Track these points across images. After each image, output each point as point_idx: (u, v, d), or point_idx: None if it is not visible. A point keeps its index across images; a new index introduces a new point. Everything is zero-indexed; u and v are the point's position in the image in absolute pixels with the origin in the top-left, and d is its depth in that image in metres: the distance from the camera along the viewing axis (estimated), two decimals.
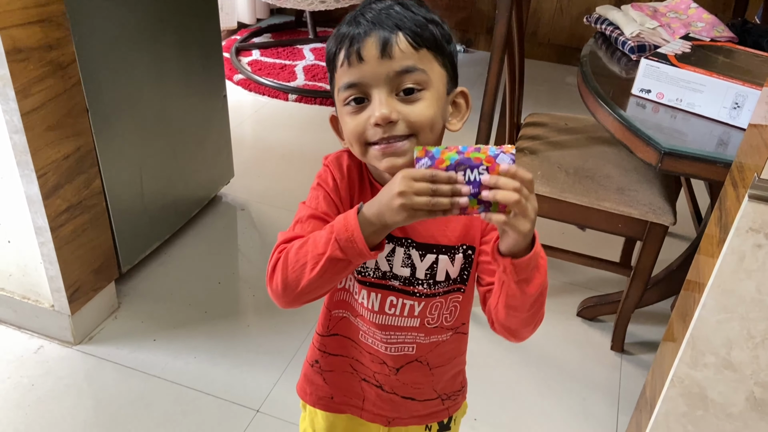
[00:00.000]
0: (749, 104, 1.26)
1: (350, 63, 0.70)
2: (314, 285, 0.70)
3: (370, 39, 0.69)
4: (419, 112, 0.70)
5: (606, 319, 1.82)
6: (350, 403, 0.93)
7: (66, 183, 1.46)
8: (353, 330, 0.87)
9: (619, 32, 1.63)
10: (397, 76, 0.69)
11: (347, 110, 0.72)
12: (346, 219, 0.68)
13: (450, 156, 0.62)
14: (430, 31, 0.71)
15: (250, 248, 2.02)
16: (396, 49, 0.69)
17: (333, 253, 0.68)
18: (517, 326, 0.75)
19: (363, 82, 0.70)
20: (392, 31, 0.69)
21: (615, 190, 1.56)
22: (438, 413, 0.95)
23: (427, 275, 0.80)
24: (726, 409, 1.10)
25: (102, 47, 1.49)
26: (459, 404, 0.97)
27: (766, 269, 0.97)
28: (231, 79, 3.02)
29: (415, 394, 0.90)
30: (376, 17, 0.70)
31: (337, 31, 0.73)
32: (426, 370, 0.88)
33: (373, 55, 0.69)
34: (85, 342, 1.64)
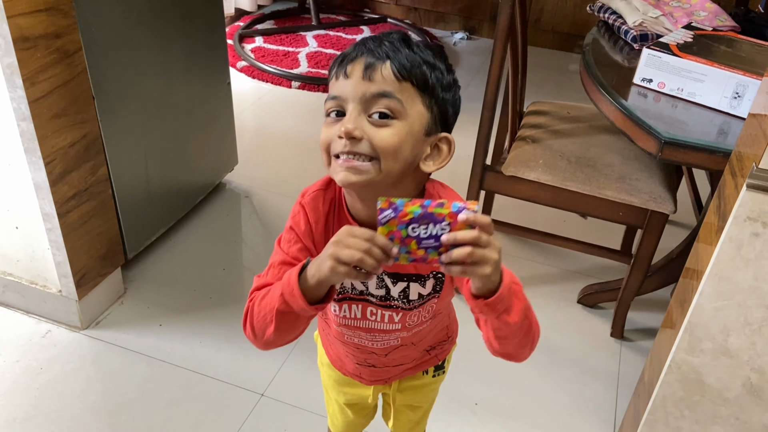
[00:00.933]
0: (750, 94, 1.26)
1: (337, 78, 0.75)
2: (277, 335, 0.75)
3: (360, 60, 0.74)
4: (383, 137, 0.72)
5: (606, 306, 1.84)
6: (351, 373, 1.01)
7: (73, 170, 1.48)
8: (338, 334, 0.93)
9: (621, 21, 1.63)
10: (372, 97, 0.72)
11: (327, 121, 0.76)
12: (289, 274, 0.72)
13: (413, 210, 0.63)
14: (422, 71, 0.74)
15: (254, 235, 2.04)
16: (378, 73, 0.72)
17: (281, 307, 0.72)
18: (514, 350, 0.78)
19: (342, 97, 0.74)
20: (382, 59, 0.73)
21: (616, 179, 1.57)
22: (428, 361, 1.01)
23: (401, 296, 0.84)
24: (722, 394, 1.12)
25: (107, 35, 1.50)
26: (447, 350, 1.03)
27: (763, 257, 0.98)
28: (234, 66, 3.02)
29: (404, 361, 0.97)
30: (376, 46, 0.74)
31: (341, 53, 0.78)
32: (412, 348, 0.95)
33: (357, 74, 0.73)
34: (92, 327, 1.67)
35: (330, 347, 1.01)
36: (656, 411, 1.19)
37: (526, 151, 1.66)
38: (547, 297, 1.87)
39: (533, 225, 1.86)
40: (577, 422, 1.52)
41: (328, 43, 3.27)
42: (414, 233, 0.64)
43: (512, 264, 1.96)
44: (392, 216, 0.63)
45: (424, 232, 0.64)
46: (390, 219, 0.63)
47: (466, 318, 1.13)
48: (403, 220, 0.63)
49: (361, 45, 0.76)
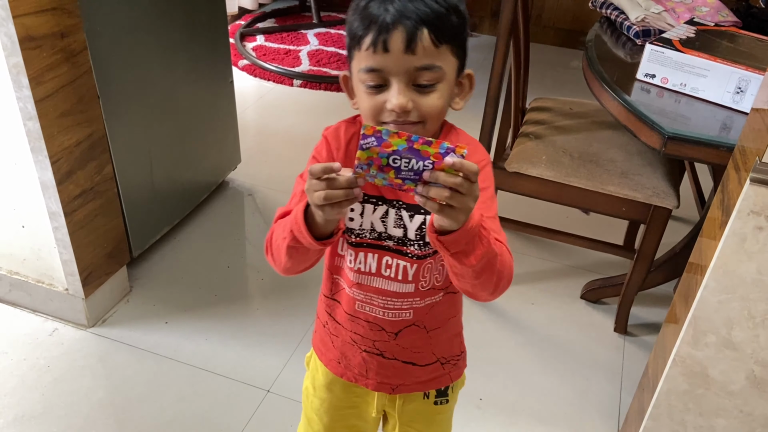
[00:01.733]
0: (752, 89, 1.27)
1: (375, 50, 0.73)
2: (291, 264, 0.79)
3: (397, 32, 0.72)
4: (431, 103, 0.75)
5: (609, 301, 1.85)
6: (356, 372, 0.96)
7: (78, 169, 1.49)
8: (350, 301, 0.90)
9: (624, 17, 1.63)
10: (416, 70, 0.73)
11: (364, 89, 0.76)
12: (296, 211, 0.74)
13: (398, 143, 0.64)
14: (450, 23, 0.74)
15: (258, 233, 2.05)
16: (419, 46, 0.72)
17: (291, 242, 0.76)
18: (471, 290, 0.78)
19: (385, 70, 0.74)
20: (418, 26, 0.72)
21: (619, 174, 1.58)
22: (439, 378, 0.97)
23: (417, 236, 0.83)
24: (726, 387, 1.13)
25: (112, 34, 1.51)
26: (460, 371, 1.00)
27: (766, 251, 0.99)
28: (236, 64, 3.02)
29: (415, 358, 0.93)
30: (404, 6, 0.72)
31: (363, 9, 0.75)
32: (423, 333, 0.91)
33: (398, 48, 0.72)
34: (98, 325, 1.68)
35: (334, 344, 0.96)
36: (660, 404, 1.19)
37: (529, 148, 1.66)
38: (550, 293, 1.87)
39: (536, 221, 1.87)
40: (582, 417, 1.53)
41: (329, 41, 3.28)
42: (395, 164, 0.64)
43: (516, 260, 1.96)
44: (374, 144, 0.64)
45: (405, 164, 0.64)
46: (371, 146, 0.64)
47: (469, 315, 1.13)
48: (386, 150, 0.64)
49: (386, 6, 0.72)
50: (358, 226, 0.84)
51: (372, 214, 0.83)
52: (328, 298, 0.94)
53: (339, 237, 0.76)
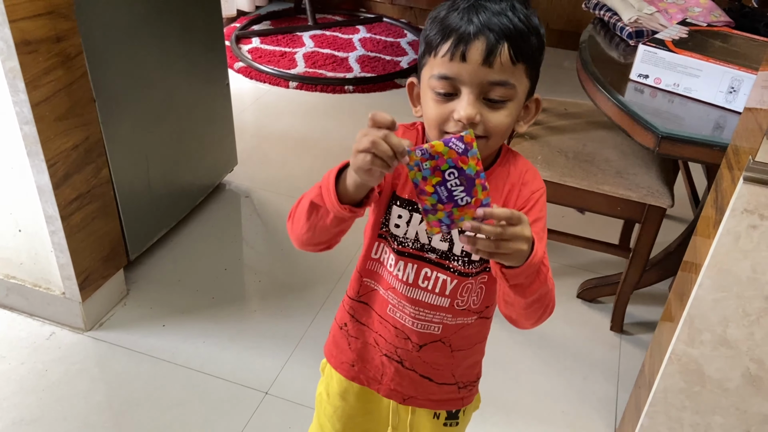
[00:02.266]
0: (745, 88, 1.28)
1: (452, 58, 0.73)
2: (306, 229, 0.78)
3: (478, 42, 0.72)
4: (499, 120, 0.75)
5: (605, 300, 1.86)
6: (369, 376, 0.96)
7: (75, 172, 1.49)
8: (382, 303, 0.89)
9: (617, 18, 1.65)
10: (489, 84, 0.73)
11: (433, 95, 0.76)
12: (330, 171, 0.74)
13: (472, 167, 0.65)
14: (531, 44, 0.74)
15: (255, 235, 2.05)
16: (497, 60, 0.72)
17: (315, 198, 0.75)
18: (516, 317, 0.81)
19: (458, 79, 0.73)
20: (499, 39, 0.72)
21: (614, 174, 1.59)
22: (452, 401, 0.97)
23: (464, 252, 0.83)
24: (722, 384, 1.14)
25: (107, 38, 1.51)
26: (473, 396, 1.00)
27: (760, 249, 1.00)
28: (232, 67, 3.03)
29: (433, 374, 0.93)
30: (488, 19, 0.72)
31: (444, 17, 0.74)
32: (447, 351, 0.91)
33: (475, 60, 0.72)
34: (95, 328, 1.68)
35: (351, 346, 0.95)
36: (657, 402, 1.20)
37: (525, 148, 1.67)
38: None
39: None
40: (579, 415, 1.54)
41: (325, 43, 3.28)
42: (447, 177, 0.66)
43: None
44: (459, 150, 0.66)
45: (453, 183, 0.66)
46: (454, 149, 0.66)
47: None
48: (457, 162, 0.65)
49: (470, 17, 0.72)
50: (403, 234, 0.83)
51: (419, 224, 0.83)
52: (353, 300, 0.93)
53: (361, 213, 0.74)
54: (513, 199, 0.82)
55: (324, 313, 1.76)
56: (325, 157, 2.46)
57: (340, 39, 3.34)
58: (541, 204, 0.82)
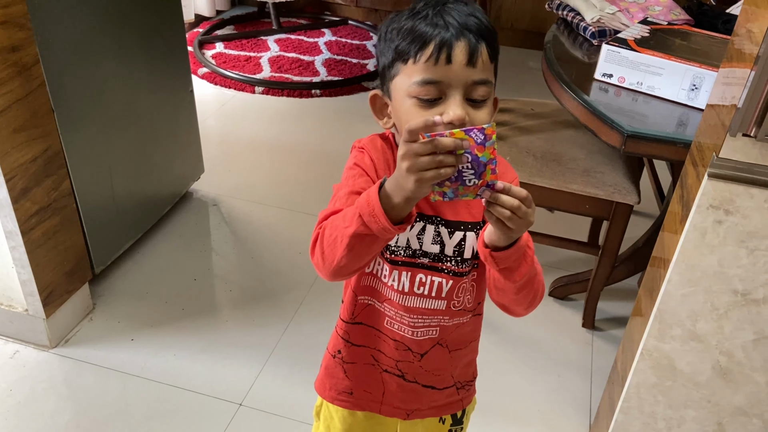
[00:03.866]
0: (706, 85, 1.30)
1: (437, 62, 0.73)
2: (348, 259, 0.73)
3: (461, 44, 0.73)
4: (483, 118, 0.76)
5: (577, 297, 1.88)
6: (370, 398, 0.94)
7: (35, 186, 1.44)
8: (379, 317, 0.88)
9: (580, 18, 1.66)
10: (473, 84, 0.74)
11: (414, 103, 0.75)
12: (368, 194, 0.70)
13: (487, 155, 0.68)
14: (496, 43, 0.77)
15: (224, 243, 2.02)
16: (480, 59, 0.74)
17: (358, 229, 0.70)
18: (508, 304, 0.83)
19: (445, 82, 0.74)
20: (478, 40, 0.74)
21: (581, 173, 1.60)
22: (453, 404, 0.97)
23: (455, 252, 0.83)
24: (693, 378, 1.15)
25: (65, 47, 1.47)
26: (471, 395, 1.00)
27: (726, 243, 1.02)
28: (195, 73, 2.98)
29: (435, 382, 0.93)
30: (462, 21, 0.74)
31: (413, 26, 0.74)
32: (446, 354, 0.91)
33: (460, 61, 0.73)
34: (61, 345, 1.63)
35: (347, 374, 0.94)
36: (630, 398, 1.22)
37: None
38: None
39: None
40: (555, 412, 1.55)
41: (290, 46, 3.26)
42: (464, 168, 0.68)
43: None
44: (480, 140, 0.67)
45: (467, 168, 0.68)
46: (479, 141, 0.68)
47: None
48: (474, 151, 0.67)
49: (446, 22, 0.73)
50: (395, 242, 0.82)
51: (409, 230, 0.82)
52: (348, 323, 0.91)
53: (413, 220, 0.72)
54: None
55: (297, 321, 1.74)
56: (293, 162, 2.44)
57: (305, 42, 3.31)
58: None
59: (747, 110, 0.91)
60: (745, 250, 1.01)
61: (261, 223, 2.10)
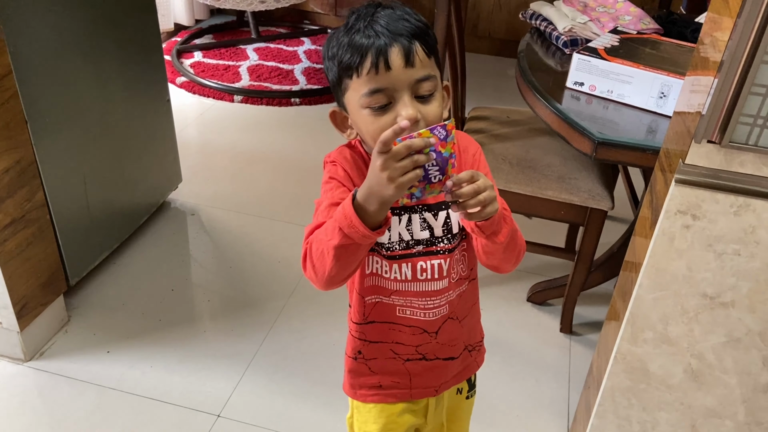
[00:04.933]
0: (674, 93, 1.33)
1: (377, 71, 0.77)
2: (337, 269, 0.78)
3: (394, 48, 0.77)
4: (433, 111, 0.80)
5: (554, 302, 1.89)
6: (399, 386, 0.98)
7: (7, 197, 1.43)
8: (390, 311, 0.92)
9: (552, 27, 1.69)
10: (417, 82, 0.78)
11: (368, 112, 0.79)
12: (343, 208, 0.75)
13: (449, 151, 0.72)
14: (431, 36, 0.81)
15: (202, 253, 2.01)
16: (416, 58, 0.78)
17: (341, 241, 0.75)
18: (499, 263, 0.88)
19: (390, 88, 0.78)
20: (410, 41, 0.78)
21: (556, 179, 1.62)
22: (469, 366, 1.03)
23: (444, 231, 0.89)
24: (666, 381, 1.17)
25: (39, 57, 1.46)
26: (482, 355, 1.06)
27: (694, 248, 1.04)
28: (173, 82, 2.97)
29: (452, 352, 0.98)
30: (392, 27, 0.77)
31: (350, 41, 0.78)
32: (457, 324, 0.96)
33: (398, 65, 0.77)
34: (36, 358, 1.61)
35: (372, 369, 0.97)
36: (605, 401, 1.23)
37: None
38: (497, 297, 1.90)
39: None
40: (533, 417, 1.56)
41: (269, 55, 3.26)
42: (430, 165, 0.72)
43: None
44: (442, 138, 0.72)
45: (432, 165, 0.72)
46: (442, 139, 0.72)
47: None
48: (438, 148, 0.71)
49: (376, 31, 0.77)
50: (387, 240, 0.87)
51: (398, 225, 0.87)
52: (361, 324, 0.94)
53: (390, 222, 0.77)
54: (461, 166, 0.89)
55: (276, 330, 1.73)
56: (272, 171, 2.43)
57: (284, 51, 3.32)
58: (483, 160, 0.91)
59: (711, 117, 0.93)
60: (713, 254, 1.03)
61: (240, 232, 2.09)
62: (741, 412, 1.17)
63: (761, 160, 0.95)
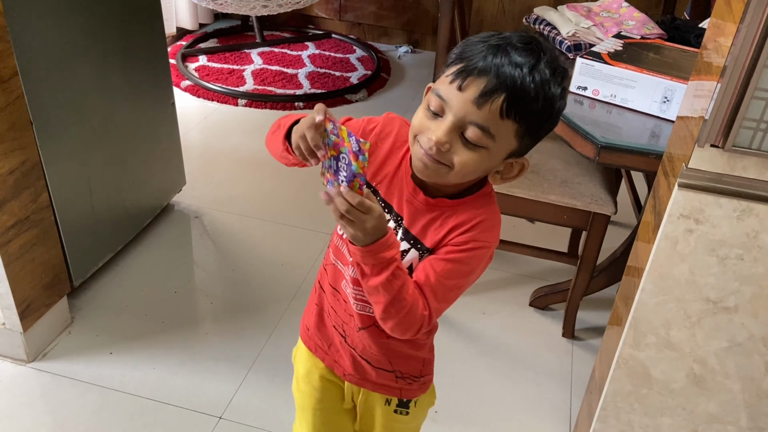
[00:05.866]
0: (677, 98, 1.33)
1: (452, 82, 0.75)
2: (269, 140, 0.91)
3: (479, 80, 0.74)
4: (464, 160, 0.77)
5: (557, 307, 1.89)
6: (319, 344, 1.01)
7: (12, 198, 1.43)
8: (338, 276, 0.94)
9: (556, 32, 1.69)
10: (470, 123, 0.75)
11: (425, 106, 0.79)
12: (287, 120, 0.86)
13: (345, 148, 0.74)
14: (531, 107, 0.75)
15: (205, 256, 2.02)
16: (487, 106, 0.74)
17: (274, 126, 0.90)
18: (378, 315, 0.83)
19: (447, 103, 0.76)
20: (499, 88, 0.73)
21: (559, 183, 1.62)
22: (390, 388, 1.00)
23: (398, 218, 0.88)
24: (668, 386, 1.17)
25: (45, 59, 1.47)
26: (416, 392, 1.02)
27: (697, 252, 1.04)
28: (178, 85, 2.98)
29: (370, 358, 0.97)
30: (501, 66, 0.73)
31: (473, 43, 0.77)
32: (383, 337, 0.93)
33: (468, 95, 0.74)
34: (39, 359, 1.61)
35: (311, 311, 1.01)
36: (607, 406, 1.23)
37: None
38: (499, 301, 1.90)
39: None
40: (534, 423, 1.55)
41: (274, 59, 3.27)
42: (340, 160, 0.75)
43: None
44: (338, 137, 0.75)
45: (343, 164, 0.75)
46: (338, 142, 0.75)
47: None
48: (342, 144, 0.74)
49: (494, 55, 0.74)
50: None
51: None
52: (323, 265, 0.98)
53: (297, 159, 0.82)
54: (445, 234, 0.84)
55: (278, 333, 1.73)
56: (275, 174, 2.44)
57: (289, 56, 3.33)
58: (468, 254, 0.84)
59: (714, 121, 0.93)
60: (716, 258, 1.03)
61: (243, 235, 2.10)
62: (743, 418, 1.16)
63: (764, 164, 0.95)
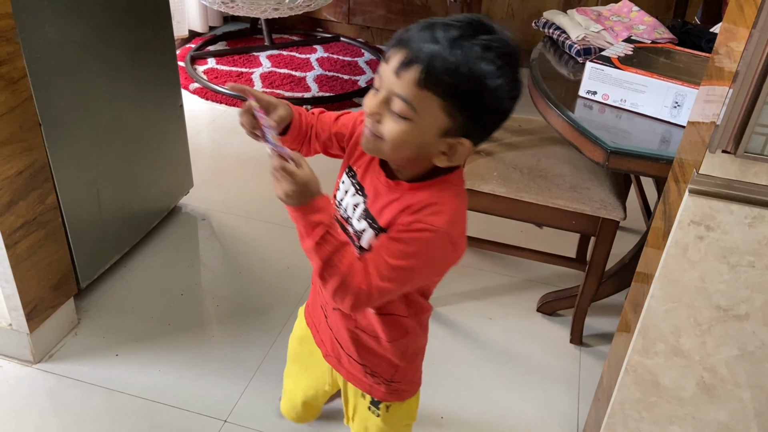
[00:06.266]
0: (688, 103, 1.32)
1: (386, 57, 0.81)
2: None
3: (400, 53, 0.79)
4: (390, 130, 0.82)
5: (564, 313, 1.87)
6: (314, 321, 1.08)
7: (20, 199, 1.44)
8: None
9: (565, 36, 1.68)
10: (393, 95, 0.80)
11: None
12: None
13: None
14: (453, 81, 0.76)
15: (213, 258, 2.02)
16: (405, 75, 0.78)
17: None
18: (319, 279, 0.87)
19: (380, 78, 0.82)
20: (416, 58, 0.77)
21: (568, 188, 1.61)
22: (360, 381, 1.04)
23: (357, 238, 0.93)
24: (677, 394, 1.15)
25: (53, 61, 1.48)
26: (384, 395, 1.04)
27: (707, 259, 1.02)
28: (187, 88, 2.99)
29: (342, 342, 1.02)
30: (422, 39, 0.77)
31: (413, 25, 0.81)
32: (352, 323, 0.97)
33: (391, 66, 0.80)
34: (45, 360, 1.61)
35: (312, 286, 1.08)
36: (615, 414, 1.21)
37: (481, 164, 1.69)
38: (507, 307, 1.89)
39: (491, 236, 1.89)
40: (541, 429, 1.54)
41: (282, 62, 3.28)
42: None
43: (473, 275, 1.99)
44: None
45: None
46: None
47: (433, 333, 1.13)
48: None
49: (418, 31, 0.78)
50: (340, 199, 0.96)
51: (352, 196, 0.94)
52: None
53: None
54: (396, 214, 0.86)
55: (284, 337, 1.73)
56: None
57: (297, 59, 3.33)
58: (411, 234, 0.83)
59: (726, 127, 0.92)
60: (727, 265, 1.02)
61: (250, 237, 2.10)
62: (754, 428, 1.15)
63: None
